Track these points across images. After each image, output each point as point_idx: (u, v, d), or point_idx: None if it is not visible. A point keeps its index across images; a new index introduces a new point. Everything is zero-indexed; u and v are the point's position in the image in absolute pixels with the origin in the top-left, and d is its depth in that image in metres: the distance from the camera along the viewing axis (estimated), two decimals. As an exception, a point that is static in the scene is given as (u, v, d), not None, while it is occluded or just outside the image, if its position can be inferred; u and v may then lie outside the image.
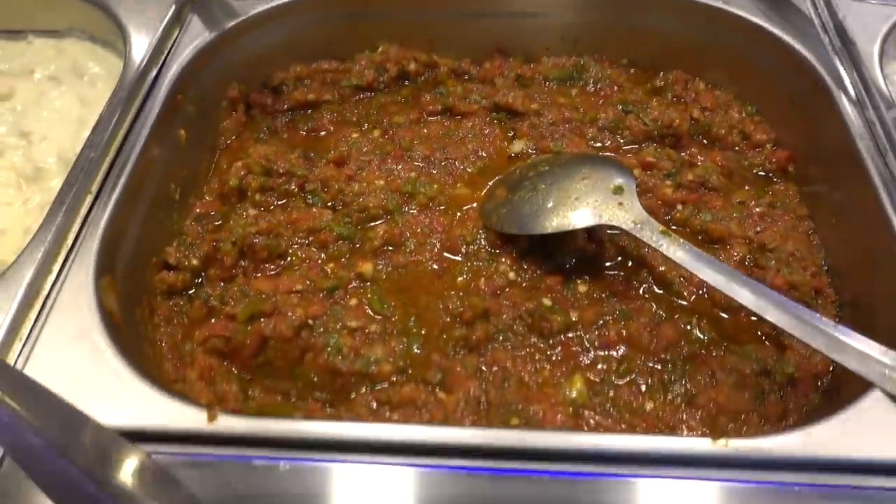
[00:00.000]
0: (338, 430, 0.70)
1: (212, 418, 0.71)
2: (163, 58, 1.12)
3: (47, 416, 0.62)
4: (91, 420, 0.62)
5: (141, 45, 1.13)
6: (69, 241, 0.87)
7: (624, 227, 0.90)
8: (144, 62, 1.10)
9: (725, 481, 0.67)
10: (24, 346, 0.76)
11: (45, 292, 0.81)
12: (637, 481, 0.67)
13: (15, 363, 0.75)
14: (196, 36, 1.15)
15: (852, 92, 1.02)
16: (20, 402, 0.63)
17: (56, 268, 0.84)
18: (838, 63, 1.06)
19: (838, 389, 0.82)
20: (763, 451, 0.67)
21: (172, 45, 1.14)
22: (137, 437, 0.67)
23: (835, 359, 0.73)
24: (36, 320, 0.79)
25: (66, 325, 0.78)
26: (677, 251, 0.85)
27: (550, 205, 0.96)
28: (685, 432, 0.80)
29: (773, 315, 0.77)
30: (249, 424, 0.71)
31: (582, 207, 0.94)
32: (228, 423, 0.70)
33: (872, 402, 0.69)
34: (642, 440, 0.69)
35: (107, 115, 1.02)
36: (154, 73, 1.09)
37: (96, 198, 0.92)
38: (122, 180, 0.93)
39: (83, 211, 0.90)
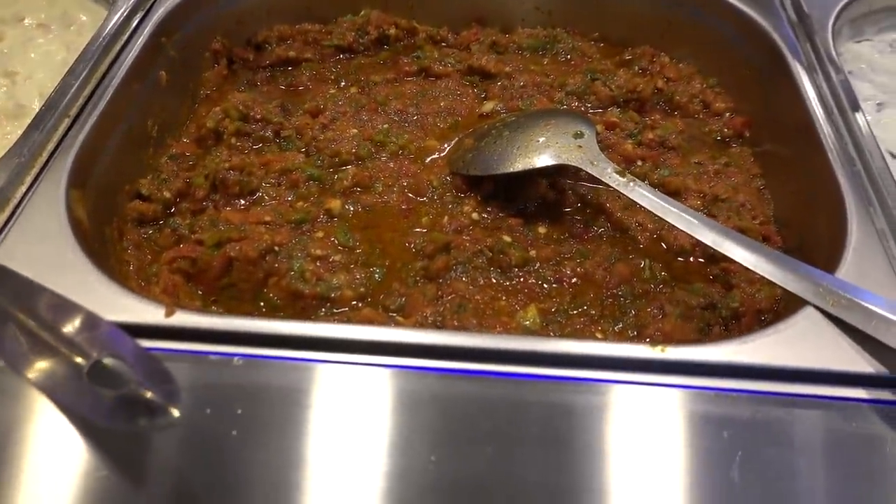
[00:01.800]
0: (290, 328, 0.73)
1: (169, 313, 0.73)
2: (149, 3, 1.15)
3: (8, 290, 0.64)
4: (53, 293, 0.64)
5: (128, -6, 1.17)
6: (44, 157, 0.89)
7: (581, 165, 0.94)
8: (131, 6, 1.13)
9: (663, 386, 0.69)
10: (-9, 244, 0.78)
11: (15, 200, 0.83)
12: (579, 384, 0.70)
13: (-18, 259, 0.76)
14: (183, -14, 1.19)
15: (805, 60, 1.07)
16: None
17: (29, 179, 0.86)
18: (793, 34, 1.12)
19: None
20: (698, 358, 0.70)
21: (159, -5, 1.18)
22: None
23: (774, 279, 0.77)
24: (6, 223, 0.81)
25: (36, 229, 0.80)
26: (631, 187, 0.89)
27: (514, 148, 1.00)
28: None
29: (716, 241, 0.80)
30: (205, 320, 0.73)
31: (543, 150, 0.98)
32: (185, 319, 0.73)
33: (804, 318, 0.73)
34: (585, 345, 0.72)
35: (90, 51, 1.05)
36: (140, 16, 1.13)
37: (74, 121, 0.94)
38: (100, 107, 0.97)
39: (60, 131, 0.93)
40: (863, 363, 0.69)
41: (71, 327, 0.57)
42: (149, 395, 0.49)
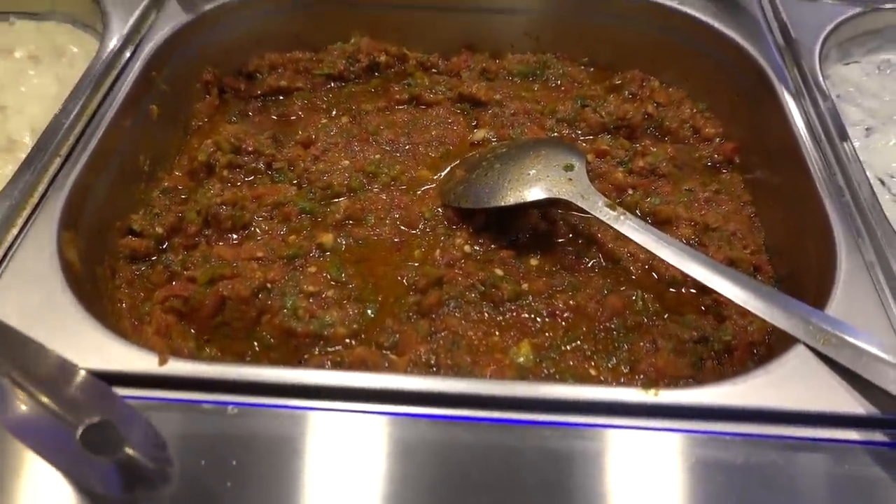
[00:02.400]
0: (285, 376, 0.73)
1: (163, 362, 0.73)
2: (139, 37, 1.15)
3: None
4: (42, 346, 0.64)
5: (119, 24, 1.17)
6: (35, 199, 0.89)
7: (572, 199, 0.94)
8: (122, 40, 1.13)
9: (657, 430, 0.70)
10: (-18, 291, 0.78)
11: (7, 243, 0.83)
12: (572, 429, 0.70)
13: (-28, 305, 0.76)
14: (173, 18, 1.19)
15: (792, 86, 1.08)
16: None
17: (20, 221, 0.86)
18: (781, 60, 1.12)
19: (772, 356, 0.85)
20: (691, 401, 0.70)
21: (150, 26, 1.17)
22: None
23: (764, 317, 0.77)
24: (-4, 267, 0.81)
25: (26, 273, 0.80)
26: (622, 221, 0.90)
27: (505, 181, 1.00)
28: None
29: (706, 277, 0.81)
30: (199, 368, 0.73)
31: (534, 183, 0.98)
32: (179, 367, 0.73)
33: (794, 357, 0.73)
34: (580, 390, 0.72)
35: (81, 87, 1.05)
36: (130, 50, 1.13)
37: (65, 160, 0.94)
38: (92, 146, 0.96)
39: (51, 171, 0.92)
40: (854, 404, 0.70)
41: (64, 386, 0.57)
42: (143, 462, 0.49)
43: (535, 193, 0.97)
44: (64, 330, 0.74)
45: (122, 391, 0.70)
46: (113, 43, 1.13)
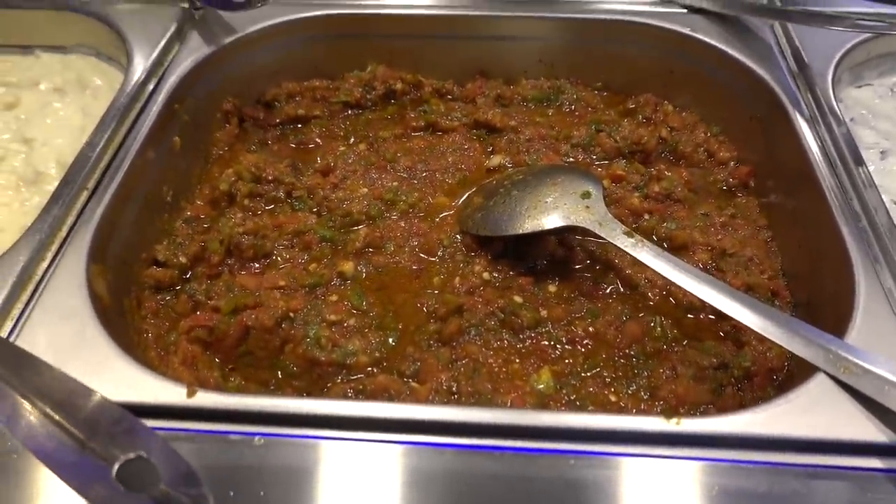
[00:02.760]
0: (311, 406, 0.74)
1: (191, 394, 0.74)
2: (162, 69, 1.18)
3: (33, 381, 0.65)
4: (73, 381, 0.65)
5: (143, 58, 1.20)
6: (63, 232, 0.91)
7: (589, 227, 0.95)
8: (145, 73, 1.16)
9: (679, 458, 0.70)
10: (14, 324, 0.80)
11: (37, 277, 0.85)
12: (595, 458, 0.70)
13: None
14: (195, 50, 1.22)
15: (806, 111, 1.08)
16: (7, 369, 0.67)
17: (49, 255, 0.88)
18: (794, 85, 1.13)
19: (791, 382, 0.85)
20: (713, 430, 0.71)
21: (172, 59, 1.20)
22: None
23: (784, 345, 0.77)
24: (28, 301, 0.83)
25: (57, 307, 0.82)
26: (639, 249, 0.91)
27: (523, 209, 1.01)
28: (645, 420, 0.83)
29: (726, 305, 0.82)
30: (226, 400, 0.74)
31: (552, 211, 0.99)
32: (207, 399, 0.74)
33: (816, 385, 0.74)
34: (601, 419, 0.73)
35: (106, 120, 1.08)
36: (154, 83, 1.15)
37: (92, 194, 0.97)
38: (118, 179, 0.99)
39: (79, 205, 0.95)
40: (877, 432, 0.70)
41: (99, 422, 0.59)
42: (180, 499, 0.50)
43: (552, 221, 0.98)
44: (95, 363, 0.76)
45: (151, 423, 0.72)
46: (137, 76, 1.16)
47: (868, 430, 0.70)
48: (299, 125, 1.32)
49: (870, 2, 1.34)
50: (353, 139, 1.28)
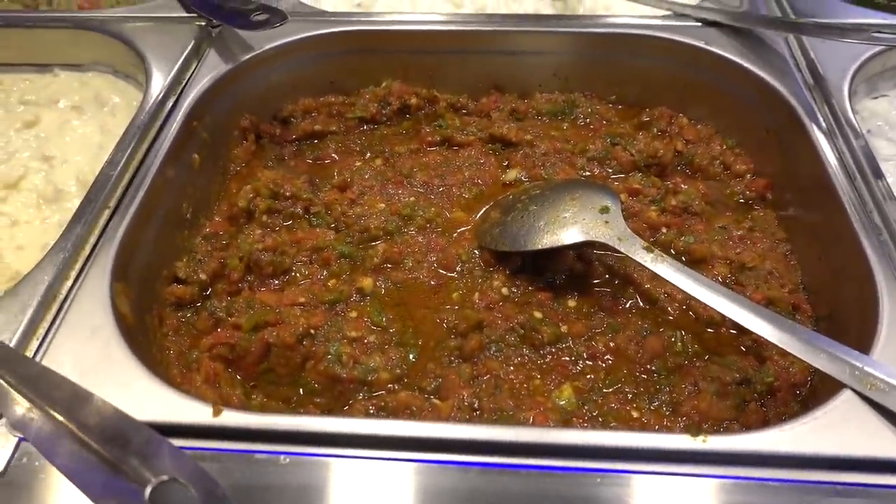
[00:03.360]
0: (336, 425, 0.74)
1: (217, 413, 0.74)
2: (181, 87, 1.19)
3: (63, 404, 0.66)
4: (107, 404, 0.66)
5: (161, 76, 1.21)
6: (87, 251, 0.92)
7: (609, 242, 0.95)
8: (163, 92, 1.17)
9: (705, 476, 0.70)
10: (40, 344, 0.81)
11: (62, 296, 0.86)
12: (621, 476, 0.70)
13: (32, 358, 0.79)
14: (212, 68, 1.23)
15: (823, 123, 1.08)
16: (38, 392, 0.68)
17: (73, 273, 0.89)
18: (811, 98, 1.14)
19: (815, 397, 0.85)
20: (739, 448, 0.71)
21: (190, 77, 1.22)
22: None
23: (809, 361, 0.77)
24: (53, 320, 0.83)
25: (82, 325, 0.82)
26: (659, 264, 0.91)
27: (541, 224, 1.02)
28: (669, 436, 0.83)
29: (749, 320, 0.81)
30: (252, 419, 0.74)
31: (571, 226, 1.00)
32: (233, 418, 0.74)
33: (842, 402, 0.73)
34: (626, 437, 0.73)
35: (126, 139, 1.08)
36: (172, 100, 1.17)
37: (114, 212, 0.97)
38: (139, 197, 0.99)
39: (101, 223, 0.96)
40: (906, 449, 0.69)
41: (130, 443, 0.59)
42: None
43: (571, 236, 0.99)
44: (121, 382, 0.76)
45: (178, 442, 0.72)
46: (156, 94, 1.17)
47: (896, 447, 0.70)
48: (315, 141, 1.32)
49: (883, 13, 1.34)
50: (368, 154, 1.29)
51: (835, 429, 0.71)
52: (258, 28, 1.15)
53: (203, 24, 1.33)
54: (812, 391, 0.87)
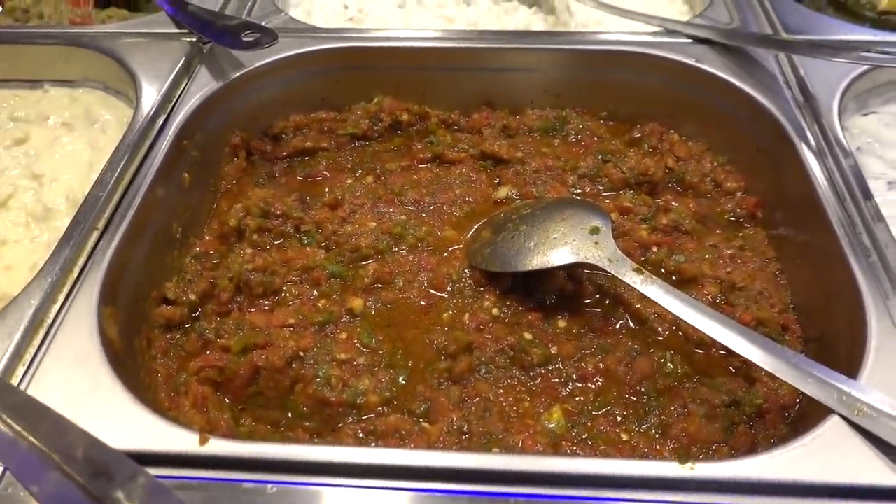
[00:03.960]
0: (324, 454, 0.74)
1: (203, 441, 0.74)
2: (171, 105, 1.19)
3: (48, 434, 0.65)
4: (91, 437, 0.65)
5: (151, 93, 1.21)
6: (75, 274, 0.91)
7: (599, 264, 0.95)
8: (154, 109, 1.17)
9: (694, 504, 0.70)
10: (27, 369, 0.80)
11: (49, 320, 0.85)
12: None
13: (18, 385, 0.78)
14: (203, 86, 1.23)
15: (813, 142, 1.09)
16: (22, 421, 0.67)
17: (61, 297, 0.88)
18: (800, 116, 1.14)
19: (804, 420, 0.85)
20: (727, 475, 0.71)
21: (181, 94, 1.21)
22: (132, 459, 0.70)
23: (796, 386, 0.77)
24: (40, 346, 0.83)
25: (69, 351, 0.82)
26: (649, 286, 0.91)
27: (531, 244, 1.02)
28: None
29: (738, 344, 0.81)
30: (239, 448, 0.74)
31: (561, 247, 1.00)
32: (219, 447, 0.74)
33: (830, 428, 0.73)
34: (615, 464, 0.73)
35: (116, 158, 1.08)
36: (162, 119, 1.16)
37: (102, 234, 0.97)
38: (128, 218, 0.99)
39: (89, 245, 0.95)
40: (893, 476, 0.69)
41: (114, 478, 0.59)
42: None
43: (560, 257, 0.99)
44: (108, 411, 0.76)
45: (164, 471, 0.72)
46: (146, 112, 1.17)
47: (885, 474, 0.70)
48: (307, 157, 1.32)
49: (874, 30, 1.35)
50: (360, 171, 1.28)
51: (823, 456, 0.71)
52: (248, 48, 1.15)
53: (194, 40, 1.33)
54: (801, 413, 0.87)
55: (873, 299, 0.87)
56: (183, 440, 0.74)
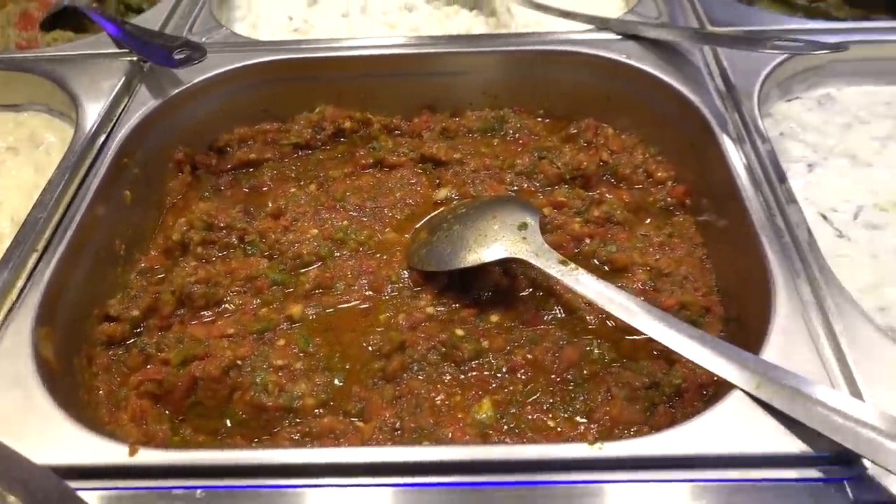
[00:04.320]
0: (251, 456, 0.76)
1: (132, 452, 0.76)
2: (111, 125, 1.21)
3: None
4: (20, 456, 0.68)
5: (92, 113, 1.23)
6: (13, 296, 0.93)
7: (526, 258, 0.99)
8: (94, 129, 1.19)
9: (603, 482, 0.73)
10: (-40, 391, 0.82)
11: (-15, 344, 0.88)
12: (524, 487, 0.73)
13: (-49, 407, 0.81)
14: (143, 103, 1.25)
15: (733, 131, 1.12)
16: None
17: (-1, 320, 0.90)
18: (722, 106, 1.18)
19: (719, 397, 0.88)
20: (631, 452, 0.74)
21: (121, 113, 1.24)
22: (62, 474, 0.70)
23: (701, 364, 0.81)
24: (-25, 368, 0.85)
25: (3, 374, 0.84)
26: (573, 277, 0.94)
27: (464, 242, 1.05)
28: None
29: (650, 327, 0.85)
30: (167, 456, 0.76)
31: (491, 243, 1.03)
32: (148, 456, 0.76)
33: (733, 402, 0.77)
34: (527, 449, 0.76)
35: (56, 179, 1.10)
36: (102, 138, 1.18)
37: (42, 255, 0.99)
38: (67, 238, 1.01)
39: (28, 267, 0.97)
40: (789, 444, 0.73)
41: (35, 496, 0.61)
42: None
43: (491, 254, 1.02)
44: (40, 430, 0.78)
45: (95, 483, 0.74)
46: (86, 132, 1.19)
47: (783, 442, 0.73)
48: (251, 169, 1.35)
49: (804, 19, 1.39)
50: (303, 180, 1.31)
51: (726, 428, 0.75)
52: (179, 66, 1.17)
53: (135, 59, 1.35)
54: (716, 391, 0.91)
55: (783, 279, 0.90)
56: (113, 453, 0.76)
